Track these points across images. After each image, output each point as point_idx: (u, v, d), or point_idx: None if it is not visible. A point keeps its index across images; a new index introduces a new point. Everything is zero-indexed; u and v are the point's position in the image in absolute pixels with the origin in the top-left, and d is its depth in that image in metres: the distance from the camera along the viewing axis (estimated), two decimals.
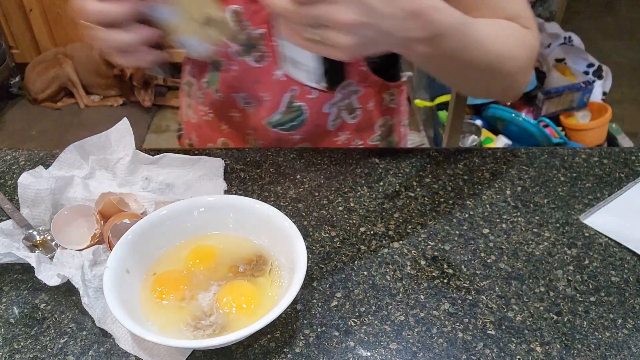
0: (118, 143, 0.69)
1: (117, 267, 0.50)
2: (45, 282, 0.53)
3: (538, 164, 0.72)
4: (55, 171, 0.66)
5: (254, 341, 0.50)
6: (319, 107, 0.74)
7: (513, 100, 0.56)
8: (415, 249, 0.59)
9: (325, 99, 0.74)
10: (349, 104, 0.76)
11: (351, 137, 0.80)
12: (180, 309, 0.50)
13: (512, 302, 0.53)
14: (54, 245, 0.58)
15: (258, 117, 0.76)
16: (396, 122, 0.85)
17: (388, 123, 0.82)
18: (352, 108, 0.77)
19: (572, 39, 2.05)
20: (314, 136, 0.77)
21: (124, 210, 0.59)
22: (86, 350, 0.49)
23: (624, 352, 0.49)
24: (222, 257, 0.55)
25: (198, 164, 0.68)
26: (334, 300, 0.54)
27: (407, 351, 0.49)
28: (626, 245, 0.59)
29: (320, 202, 0.65)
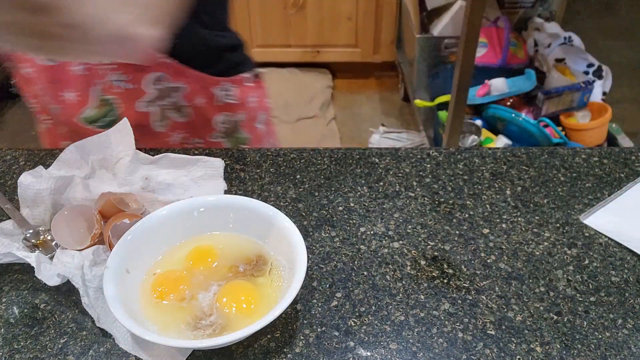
0: (118, 143, 0.69)
1: (117, 267, 0.50)
2: (45, 282, 0.53)
3: (538, 164, 0.72)
4: (55, 171, 0.66)
5: (254, 341, 0.50)
6: (131, 103, 0.72)
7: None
8: (415, 249, 0.59)
9: (136, 96, 0.71)
10: (174, 102, 0.74)
11: (187, 135, 0.78)
12: (180, 309, 0.50)
13: (512, 302, 0.53)
14: (54, 245, 0.58)
15: (70, 117, 0.73)
16: (245, 119, 0.82)
17: (230, 120, 0.80)
18: (179, 106, 0.75)
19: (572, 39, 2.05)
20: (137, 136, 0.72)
21: (124, 210, 0.59)
22: (86, 350, 0.49)
23: (624, 352, 0.49)
24: (222, 257, 0.55)
25: (198, 164, 0.68)
26: (334, 300, 0.54)
27: (407, 351, 0.49)
28: (626, 245, 0.59)
29: (320, 202, 0.65)
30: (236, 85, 0.79)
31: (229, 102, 0.79)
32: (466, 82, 1.52)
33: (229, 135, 0.82)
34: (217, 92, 0.77)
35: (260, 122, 0.86)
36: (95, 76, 0.70)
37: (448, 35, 2.03)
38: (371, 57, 2.62)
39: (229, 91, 0.78)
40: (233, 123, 0.81)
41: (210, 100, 0.77)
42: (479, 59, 1.93)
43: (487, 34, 1.98)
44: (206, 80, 0.75)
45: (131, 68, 0.69)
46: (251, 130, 0.84)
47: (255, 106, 0.83)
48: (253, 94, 0.82)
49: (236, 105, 0.80)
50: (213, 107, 0.78)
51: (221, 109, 0.78)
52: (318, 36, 2.55)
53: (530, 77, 1.90)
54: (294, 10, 2.46)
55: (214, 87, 0.76)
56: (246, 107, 0.82)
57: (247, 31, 2.52)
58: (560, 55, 1.99)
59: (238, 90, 0.79)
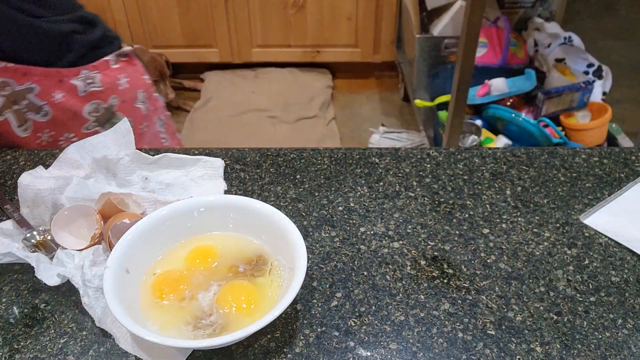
0: (118, 143, 0.69)
1: (117, 267, 0.50)
2: (45, 282, 0.53)
3: (538, 164, 0.72)
4: (55, 171, 0.66)
5: (254, 341, 0.50)
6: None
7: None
8: (415, 249, 0.59)
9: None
10: (29, 104, 0.71)
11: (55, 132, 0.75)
12: (180, 309, 0.50)
13: (512, 302, 0.53)
14: (54, 245, 0.58)
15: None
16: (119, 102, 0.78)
17: (101, 107, 0.76)
18: (36, 106, 0.72)
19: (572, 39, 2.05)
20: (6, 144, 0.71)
21: (124, 210, 0.59)
22: (86, 350, 0.49)
23: (624, 352, 0.49)
24: (222, 257, 0.55)
25: (198, 164, 0.68)
26: (334, 300, 0.54)
27: (407, 351, 0.49)
28: (626, 245, 0.59)
29: (320, 202, 0.65)
30: (98, 71, 0.74)
31: (94, 90, 0.75)
32: (466, 82, 1.52)
33: (104, 123, 0.78)
34: (78, 83, 0.73)
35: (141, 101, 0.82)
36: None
37: (448, 35, 2.03)
38: (371, 57, 2.61)
39: (91, 79, 0.74)
40: (105, 110, 0.77)
41: (71, 93, 0.73)
42: (479, 59, 1.93)
43: (487, 34, 1.98)
44: (61, 73, 0.71)
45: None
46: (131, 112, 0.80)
47: (128, 87, 0.79)
48: (123, 75, 0.78)
49: (104, 92, 0.76)
50: (77, 99, 0.74)
51: (87, 99, 0.75)
52: (318, 36, 2.55)
53: (530, 77, 1.90)
54: (294, 10, 2.46)
55: (74, 79, 0.72)
56: (117, 91, 0.78)
57: (247, 31, 2.52)
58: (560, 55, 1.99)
59: (102, 75, 0.75)
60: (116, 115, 0.80)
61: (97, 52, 0.76)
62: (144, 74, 0.85)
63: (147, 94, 0.85)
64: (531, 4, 2.19)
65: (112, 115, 0.80)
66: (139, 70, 0.83)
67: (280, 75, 2.65)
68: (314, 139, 2.29)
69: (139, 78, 0.83)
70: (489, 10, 2.10)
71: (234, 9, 2.45)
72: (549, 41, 2.05)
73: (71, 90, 0.73)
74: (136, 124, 0.83)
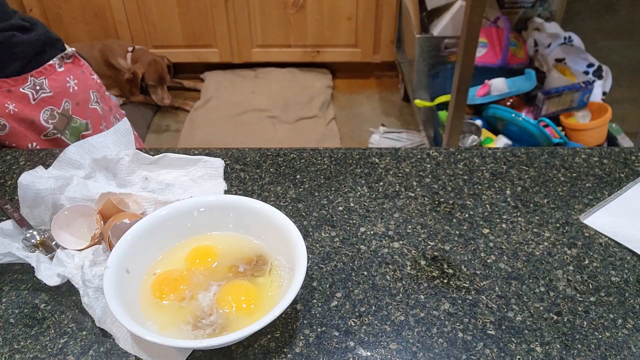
0: (118, 143, 0.69)
1: (117, 267, 0.50)
2: (45, 282, 0.53)
3: (538, 164, 0.72)
4: (55, 171, 0.66)
5: (254, 341, 0.50)
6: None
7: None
8: (415, 249, 0.59)
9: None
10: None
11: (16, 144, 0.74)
12: (180, 309, 0.50)
13: (512, 302, 0.53)
14: (54, 245, 0.58)
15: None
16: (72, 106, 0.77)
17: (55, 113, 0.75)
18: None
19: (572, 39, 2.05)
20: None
21: (124, 210, 0.59)
22: (86, 350, 0.49)
23: (624, 352, 0.49)
24: (222, 257, 0.55)
25: (198, 164, 0.68)
26: (334, 300, 0.54)
27: (407, 351, 0.49)
28: (626, 245, 0.59)
29: (320, 202, 0.65)
30: (44, 77, 0.73)
31: (45, 95, 0.73)
32: (466, 82, 1.52)
33: (64, 128, 0.76)
34: (27, 91, 0.72)
35: (95, 101, 0.80)
36: None
37: (448, 35, 2.03)
38: (371, 57, 2.61)
39: (40, 85, 0.73)
40: (60, 115, 0.76)
41: (23, 102, 0.72)
42: (479, 59, 1.93)
43: (487, 34, 1.98)
44: (7, 83, 0.70)
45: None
46: (87, 113, 0.79)
47: (78, 89, 0.78)
48: (71, 77, 0.77)
49: (55, 97, 0.75)
50: (30, 107, 0.72)
51: (41, 106, 0.73)
52: (318, 36, 2.55)
53: (530, 77, 1.90)
54: (294, 10, 2.46)
55: (22, 87, 0.71)
56: (68, 94, 0.76)
57: (247, 31, 2.52)
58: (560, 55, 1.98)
59: (49, 80, 0.74)
60: (73, 119, 0.78)
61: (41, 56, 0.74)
62: (92, 74, 0.83)
63: (99, 94, 0.84)
64: (531, 4, 2.19)
65: (69, 120, 0.78)
66: (87, 71, 0.82)
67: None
68: (314, 139, 2.29)
69: (87, 78, 0.81)
70: (489, 10, 2.10)
71: (234, 9, 2.45)
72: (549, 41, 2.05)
73: (22, 99, 0.72)
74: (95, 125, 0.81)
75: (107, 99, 0.87)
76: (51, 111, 0.75)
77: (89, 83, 0.81)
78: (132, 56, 2.35)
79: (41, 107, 0.74)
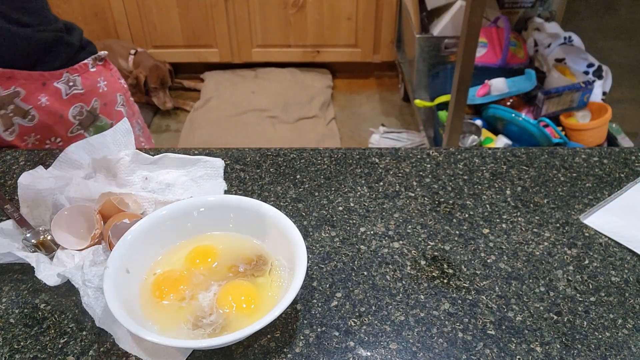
0: (118, 143, 0.69)
1: (117, 267, 0.50)
2: (45, 282, 0.53)
3: (538, 164, 0.72)
4: (55, 171, 0.66)
5: (254, 341, 0.50)
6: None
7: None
8: (415, 249, 0.59)
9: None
10: (15, 109, 0.72)
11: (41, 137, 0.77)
12: (180, 309, 0.50)
13: (512, 302, 0.53)
14: (54, 245, 0.58)
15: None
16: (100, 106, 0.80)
17: (85, 110, 0.78)
18: (23, 111, 0.73)
19: (572, 39, 2.05)
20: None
21: (124, 210, 0.59)
22: (86, 350, 0.49)
23: (624, 352, 0.49)
24: (222, 257, 0.55)
25: (198, 164, 0.68)
26: (334, 300, 0.54)
27: (407, 351, 0.49)
28: (626, 245, 0.59)
29: (320, 202, 0.65)
30: (78, 74, 0.77)
31: (76, 92, 0.77)
32: (466, 82, 1.52)
33: (89, 126, 0.80)
34: (61, 86, 0.75)
35: (120, 104, 0.84)
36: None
37: (448, 35, 2.03)
38: (371, 57, 2.62)
39: (73, 82, 0.76)
40: (88, 113, 0.79)
41: (55, 96, 0.75)
42: (479, 59, 1.93)
43: (487, 34, 1.98)
44: (44, 77, 0.73)
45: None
46: (113, 114, 0.82)
47: (107, 90, 0.81)
48: (102, 78, 0.80)
49: (86, 94, 0.78)
50: (61, 102, 0.76)
51: (71, 102, 0.77)
52: (318, 36, 2.55)
53: (530, 77, 1.90)
54: (294, 10, 2.46)
55: (57, 82, 0.74)
56: (98, 93, 0.80)
57: (247, 31, 2.52)
58: (560, 55, 1.99)
59: (82, 78, 0.77)
60: (99, 118, 0.81)
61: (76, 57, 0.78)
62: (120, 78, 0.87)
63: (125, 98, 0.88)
64: (531, 4, 2.19)
65: (96, 119, 0.81)
66: (115, 75, 0.85)
67: (280, 75, 2.65)
68: (314, 139, 2.29)
69: (116, 82, 0.85)
70: (489, 10, 2.10)
71: (234, 9, 2.45)
72: (549, 41, 2.05)
73: (55, 93, 0.75)
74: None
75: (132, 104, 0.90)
76: (80, 108, 0.78)
77: (116, 86, 0.85)
78: (134, 59, 2.35)
79: (72, 103, 0.77)
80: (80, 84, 0.77)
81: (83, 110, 0.78)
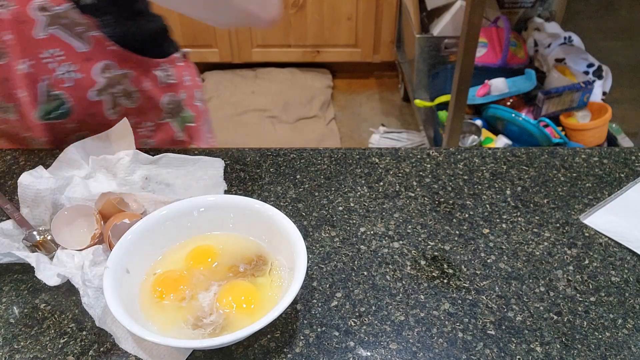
0: (118, 143, 0.69)
1: (117, 267, 0.50)
2: (45, 282, 0.53)
3: (538, 164, 0.72)
4: (55, 171, 0.66)
5: (254, 341, 0.50)
6: (83, 95, 0.72)
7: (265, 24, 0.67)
8: (415, 249, 0.59)
9: (87, 86, 0.72)
10: (123, 89, 0.75)
11: (138, 120, 0.80)
12: (180, 309, 0.50)
13: (512, 302, 0.53)
14: (54, 245, 0.58)
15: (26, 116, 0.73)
16: (186, 98, 0.85)
17: (174, 100, 0.83)
18: (129, 92, 0.76)
19: (572, 39, 2.05)
20: (92, 125, 0.75)
21: (124, 210, 0.59)
22: (86, 350, 0.49)
23: (624, 352, 0.49)
24: (222, 257, 0.55)
25: (198, 164, 0.68)
26: (334, 300, 0.54)
27: (407, 351, 0.49)
28: (626, 245, 0.59)
29: (320, 202, 0.65)
30: (172, 65, 0.81)
31: (170, 82, 0.81)
32: (466, 82, 1.52)
33: (176, 115, 0.84)
34: (159, 74, 0.79)
35: (198, 99, 0.88)
36: (40, 72, 0.69)
37: (448, 35, 2.03)
38: (371, 57, 2.61)
39: (168, 72, 0.80)
40: (177, 102, 0.83)
41: (154, 82, 0.78)
42: (479, 59, 1.93)
43: (487, 34, 1.98)
44: (148, 63, 0.77)
45: (79, 58, 0.70)
46: (193, 108, 0.87)
47: (191, 84, 0.86)
48: (186, 73, 0.85)
49: (177, 85, 0.82)
50: (158, 89, 0.79)
51: (165, 90, 0.81)
52: (318, 36, 2.55)
53: (530, 77, 1.90)
54: (294, 10, 2.46)
55: (155, 69, 0.78)
56: (185, 86, 0.84)
57: (247, 31, 2.52)
58: (560, 55, 1.99)
59: (175, 69, 0.82)
60: (184, 109, 0.85)
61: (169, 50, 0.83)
62: (197, 76, 0.91)
63: (202, 95, 0.92)
64: (531, 4, 2.19)
65: (181, 109, 0.85)
66: (194, 72, 0.90)
67: (280, 75, 2.65)
68: (314, 139, 2.29)
69: (194, 78, 0.89)
70: (489, 10, 2.10)
71: None
72: (549, 41, 2.05)
73: (154, 80, 0.79)
74: (197, 119, 0.89)
75: (205, 102, 0.94)
76: (170, 97, 0.82)
77: (196, 83, 0.89)
78: None
79: (165, 92, 0.81)
80: (174, 74, 0.82)
81: (173, 99, 0.82)
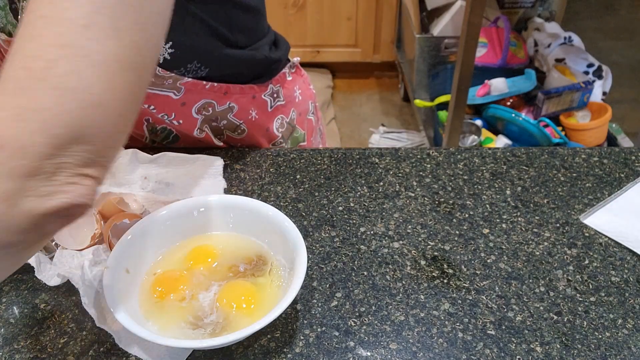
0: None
1: (117, 267, 0.50)
2: (45, 282, 0.53)
3: (538, 164, 0.72)
4: None
5: (254, 341, 0.50)
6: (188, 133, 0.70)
7: None
8: (415, 249, 0.59)
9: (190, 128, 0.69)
10: (227, 123, 0.72)
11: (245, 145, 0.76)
12: (181, 309, 0.50)
13: (512, 302, 0.53)
14: (54, 245, 0.58)
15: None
16: (297, 115, 0.79)
17: (286, 122, 0.78)
18: (234, 125, 0.72)
19: (572, 39, 2.05)
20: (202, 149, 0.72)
21: (124, 210, 0.59)
22: (86, 350, 0.49)
23: (624, 352, 0.49)
24: (222, 257, 0.55)
25: (197, 163, 0.68)
26: (334, 300, 0.54)
27: (407, 351, 0.49)
28: (626, 245, 0.59)
29: (320, 202, 0.65)
30: (279, 85, 0.75)
31: (279, 104, 0.76)
32: (466, 82, 1.52)
33: (288, 138, 0.79)
34: (267, 98, 0.74)
35: (310, 112, 0.83)
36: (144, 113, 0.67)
37: (448, 35, 2.03)
38: (371, 57, 2.61)
39: (276, 93, 0.75)
40: (287, 124, 0.78)
41: (262, 108, 0.74)
42: (479, 59, 1.93)
43: (487, 34, 1.98)
44: (254, 90, 0.72)
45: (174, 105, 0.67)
46: (305, 124, 0.81)
47: (302, 99, 0.80)
48: (297, 87, 0.79)
49: (286, 105, 0.77)
50: (267, 115, 0.75)
51: (274, 114, 0.76)
52: (318, 36, 2.55)
53: (530, 77, 1.90)
54: (294, 10, 2.46)
55: (264, 94, 0.73)
56: (295, 103, 0.79)
57: None
58: (560, 55, 1.99)
59: (283, 89, 0.76)
60: (296, 129, 0.80)
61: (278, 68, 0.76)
62: (310, 84, 0.85)
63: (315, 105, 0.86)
64: (531, 4, 2.19)
65: (293, 130, 0.80)
66: (306, 81, 0.83)
67: None
68: None
69: (307, 88, 0.83)
70: (489, 10, 2.10)
71: None
72: (549, 41, 2.05)
73: (262, 106, 0.74)
74: (309, 136, 0.83)
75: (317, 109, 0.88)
76: (281, 120, 0.77)
77: (308, 93, 0.83)
78: None
79: (275, 115, 0.76)
80: (282, 95, 0.76)
81: (284, 122, 0.77)
